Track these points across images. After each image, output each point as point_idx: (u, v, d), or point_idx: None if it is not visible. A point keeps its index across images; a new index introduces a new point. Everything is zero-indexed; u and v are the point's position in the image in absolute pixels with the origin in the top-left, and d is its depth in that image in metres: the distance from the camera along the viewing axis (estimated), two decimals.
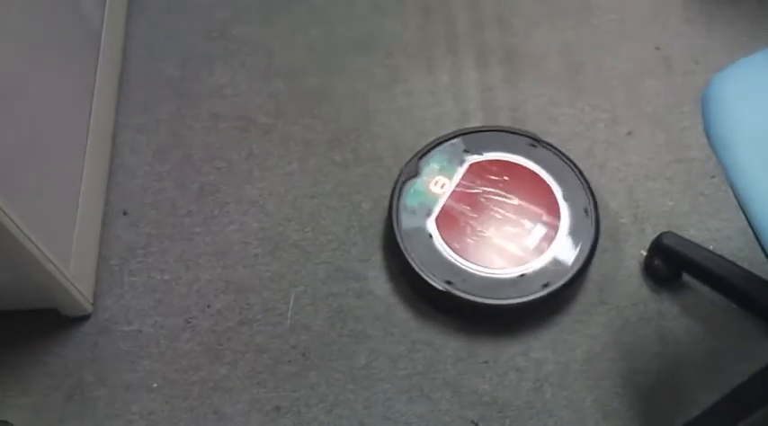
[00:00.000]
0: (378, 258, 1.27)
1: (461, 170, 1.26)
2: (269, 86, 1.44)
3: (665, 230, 1.23)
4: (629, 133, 1.37)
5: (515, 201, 1.22)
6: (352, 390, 1.17)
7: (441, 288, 1.17)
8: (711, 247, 1.25)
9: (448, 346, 1.20)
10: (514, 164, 1.26)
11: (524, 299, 1.16)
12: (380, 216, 1.30)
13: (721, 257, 1.17)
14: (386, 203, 1.28)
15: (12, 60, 1.06)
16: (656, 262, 1.21)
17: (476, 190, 1.23)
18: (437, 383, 1.17)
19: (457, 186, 1.25)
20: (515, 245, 1.19)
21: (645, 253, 1.24)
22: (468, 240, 1.20)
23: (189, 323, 1.22)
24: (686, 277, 1.22)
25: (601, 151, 1.36)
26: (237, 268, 1.27)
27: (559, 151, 1.29)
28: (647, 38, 1.48)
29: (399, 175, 1.27)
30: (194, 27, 1.51)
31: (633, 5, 1.52)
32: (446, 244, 1.20)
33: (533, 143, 1.29)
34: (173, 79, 1.45)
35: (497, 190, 1.23)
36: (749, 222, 0.77)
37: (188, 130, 1.40)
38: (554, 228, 1.20)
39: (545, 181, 1.24)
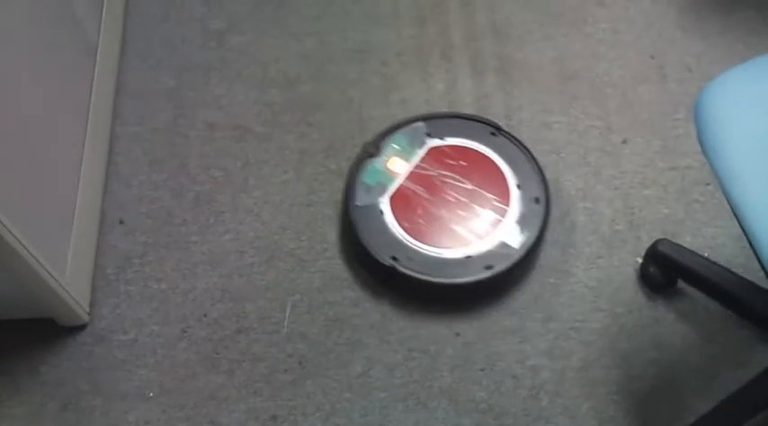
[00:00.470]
0: None
1: (421, 152, 1.29)
2: (264, 96, 1.45)
3: (661, 237, 1.23)
4: (624, 141, 1.38)
5: (469, 186, 1.25)
6: (348, 399, 1.17)
7: (386, 263, 1.20)
8: (706, 254, 1.25)
9: (444, 354, 1.20)
10: (473, 150, 1.30)
11: (468, 280, 1.19)
12: None
13: (716, 264, 1.17)
14: None
15: (8, 70, 1.06)
16: (652, 269, 1.22)
17: (432, 173, 1.27)
18: (433, 391, 1.17)
19: (415, 168, 1.28)
20: (464, 228, 1.22)
21: (640, 260, 1.24)
22: (419, 220, 1.23)
23: (185, 332, 1.22)
24: (682, 284, 1.23)
25: (595, 159, 1.36)
26: (233, 277, 1.27)
27: (518, 141, 1.32)
28: (642, 46, 1.49)
29: (360, 153, 1.30)
30: (190, 38, 1.52)
31: (627, 14, 1.53)
32: (396, 222, 1.23)
33: (494, 131, 1.32)
34: (169, 89, 1.46)
35: (453, 174, 1.27)
36: (743, 229, 0.78)
37: (184, 140, 1.40)
38: (504, 214, 1.23)
39: (500, 169, 1.28)
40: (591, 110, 1.41)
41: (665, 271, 1.21)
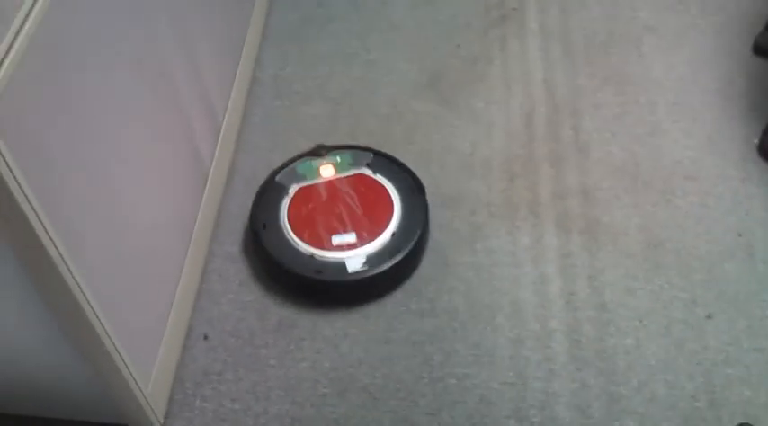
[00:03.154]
0: (446, 415, 1.26)
1: (349, 173, 1.53)
2: None
3: (742, 421, 1.20)
4: (709, 316, 1.37)
5: (359, 212, 1.46)
6: None
7: (254, 227, 1.44)
8: None
9: None
10: (386, 191, 1.50)
11: (298, 272, 1.38)
12: (451, 370, 1.31)
13: None
14: (458, 358, 1.29)
15: (129, 187, 1.15)
16: None
17: (343, 189, 1.50)
18: None
19: (335, 179, 1.52)
20: (325, 233, 1.43)
21: None
22: (304, 211, 1.46)
23: None
24: None
25: (678, 331, 1.35)
26: (305, 405, 1.28)
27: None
28: (729, 223, 1.50)
29: (312, 148, 1.57)
30: None
31: (716, 189, 1.55)
32: (288, 204, 1.47)
33: (415, 189, 1.52)
34: None
35: (355, 197, 1.49)
36: None
37: None
38: (364, 243, 1.42)
39: (395, 212, 1.47)
40: (675, 282, 1.42)
41: None
